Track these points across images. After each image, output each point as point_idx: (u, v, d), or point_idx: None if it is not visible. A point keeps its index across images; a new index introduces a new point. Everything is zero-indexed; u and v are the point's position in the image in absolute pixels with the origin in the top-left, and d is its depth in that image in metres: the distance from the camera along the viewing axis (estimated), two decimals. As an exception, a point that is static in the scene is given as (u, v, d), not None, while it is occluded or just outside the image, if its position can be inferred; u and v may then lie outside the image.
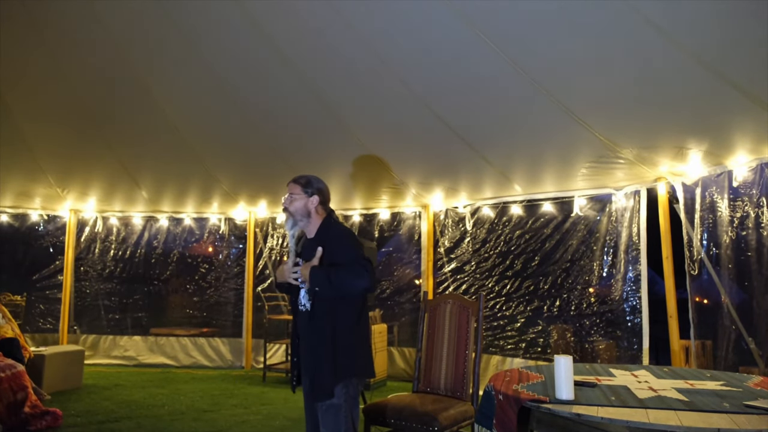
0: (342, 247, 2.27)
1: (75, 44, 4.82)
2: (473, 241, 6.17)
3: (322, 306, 2.25)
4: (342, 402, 2.20)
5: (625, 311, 5.02)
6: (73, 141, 5.81)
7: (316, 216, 2.39)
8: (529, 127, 4.51)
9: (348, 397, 2.22)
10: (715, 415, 1.75)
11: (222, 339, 7.13)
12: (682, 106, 3.75)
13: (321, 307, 2.26)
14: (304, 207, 2.37)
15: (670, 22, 3.12)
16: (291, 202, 2.37)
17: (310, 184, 2.40)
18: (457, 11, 3.57)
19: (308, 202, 2.37)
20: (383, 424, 2.90)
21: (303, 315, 2.33)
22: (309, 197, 2.37)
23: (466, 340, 3.13)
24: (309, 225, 2.39)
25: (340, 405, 2.20)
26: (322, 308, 2.26)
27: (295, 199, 2.37)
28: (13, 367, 4.14)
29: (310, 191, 2.38)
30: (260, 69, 4.71)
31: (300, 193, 2.37)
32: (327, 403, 2.20)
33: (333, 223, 2.40)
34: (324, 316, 2.25)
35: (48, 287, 7.17)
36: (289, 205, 2.37)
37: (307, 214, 2.37)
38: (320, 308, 2.26)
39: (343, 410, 2.20)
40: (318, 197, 2.38)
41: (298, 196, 2.37)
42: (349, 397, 2.23)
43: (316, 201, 2.38)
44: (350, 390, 2.24)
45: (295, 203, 2.36)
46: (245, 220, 7.36)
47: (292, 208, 2.37)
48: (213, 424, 4.31)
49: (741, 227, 4.08)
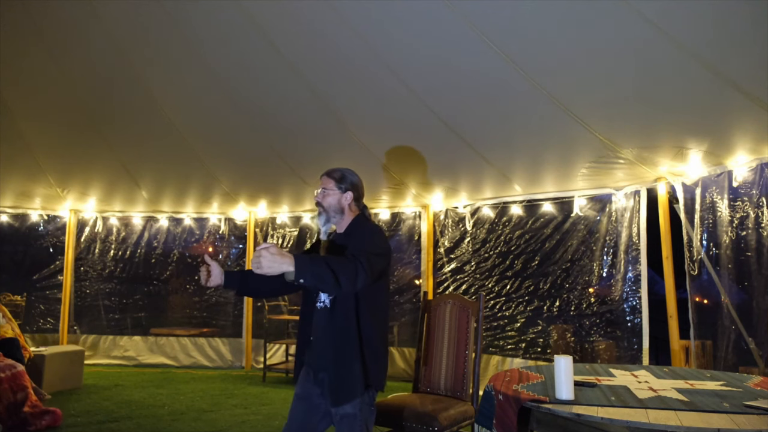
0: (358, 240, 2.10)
1: (75, 44, 4.82)
2: (473, 241, 6.17)
3: (345, 303, 2.07)
4: (358, 411, 2.06)
5: (625, 311, 5.02)
6: (73, 141, 5.81)
7: (349, 212, 2.23)
8: (529, 127, 4.52)
9: (365, 405, 2.08)
10: (715, 415, 1.75)
11: (222, 339, 7.13)
12: (682, 106, 3.75)
13: (344, 304, 2.07)
14: (337, 203, 2.20)
15: (670, 22, 3.12)
16: (324, 197, 2.21)
17: (345, 179, 2.22)
18: (457, 11, 3.56)
19: (342, 198, 2.21)
20: (383, 424, 2.90)
21: (321, 313, 2.14)
22: (343, 193, 2.21)
23: (466, 340, 3.13)
24: (341, 221, 2.23)
25: (356, 414, 2.06)
26: (345, 306, 2.07)
27: (328, 194, 2.20)
28: (13, 367, 4.14)
29: (344, 186, 2.21)
30: (260, 69, 4.71)
31: (334, 188, 2.21)
32: (341, 413, 2.05)
33: (364, 221, 2.24)
34: (348, 315, 2.07)
35: (48, 287, 7.18)
36: (322, 200, 2.21)
37: (341, 210, 2.21)
38: (343, 306, 2.07)
39: (359, 420, 2.06)
40: (352, 193, 2.22)
41: (332, 192, 2.20)
42: (365, 406, 2.08)
43: (350, 197, 2.22)
44: (367, 399, 2.09)
45: (329, 198, 2.20)
46: (245, 220, 7.37)
47: (325, 203, 2.20)
48: (213, 424, 4.31)
49: (741, 227, 4.08)
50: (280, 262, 1.74)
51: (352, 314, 2.06)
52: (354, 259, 1.89)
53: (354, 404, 2.04)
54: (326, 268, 1.80)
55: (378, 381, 2.11)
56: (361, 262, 1.88)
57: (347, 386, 2.05)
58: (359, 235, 2.14)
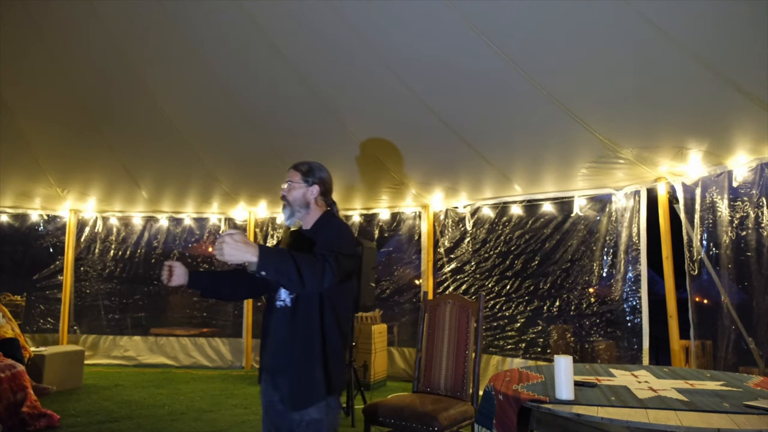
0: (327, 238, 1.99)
1: (75, 44, 4.82)
2: (473, 241, 6.17)
3: (309, 303, 1.97)
4: (324, 416, 1.95)
5: (625, 311, 5.02)
6: (73, 141, 5.81)
7: (315, 208, 2.14)
8: (529, 127, 4.51)
9: (330, 410, 1.97)
10: (715, 415, 1.75)
11: (222, 339, 7.13)
12: (682, 106, 3.75)
13: (308, 304, 1.97)
14: (302, 197, 2.12)
15: (670, 22, 3.12)
16: (289, 191, 2.13)
17: (312, 172, 2.15)
18: (457, 11, 3.56)
19: (308, 191, 2.12)
20: (383, 424, 2.90)
21: (281, 312, 2.03)
22: (309, 186, 2.13)
23: (466, 340, 3.13)
24: (307, 217, 2.14)
25: (322, 419, 1.94)
26: (308, 306, 1.97)
27: (293, 187, 2.13)
28: (13, 367, 4.15)
29: (310, 180, 2.13)
30: (260, 69, 4.71)
31: (299, 181, 2.13)
32: (307, 419, 1.93)
33: (332, 218, 2.15)
34: (311, 315, 1.96)
35: (48, 287, 7.17)
36: (287, 194, 2.13)
37: (306, 204, 2.12)
38: (306, 306, 1.97)
39: (326, 424, 1.95)
40: (319, 187, 2.14)
41: (297, 185, 2.13)
42: (331, 411, 1.98)
43: (317, 191, 2.13)
44: (332, 402, 1.99)
45: (294, 192, 2.12)
46: (245, 220, 7.36)
47: (290, 197, 2.13)
48: (213, 424, 4.31)
49: (741, 227, 4.08)
50: (243, 251, 1.64)
51: (315, 314, 1.96)
52: (322, 258, 1.81)
53: (320, 408, 1.94)
54: (292, 264, 1.71)
55: (340, 385, 2.03)
56: (329, 262, 1.80)
57: (309, 390, 1.94)
58: (328, 233, 2.04)
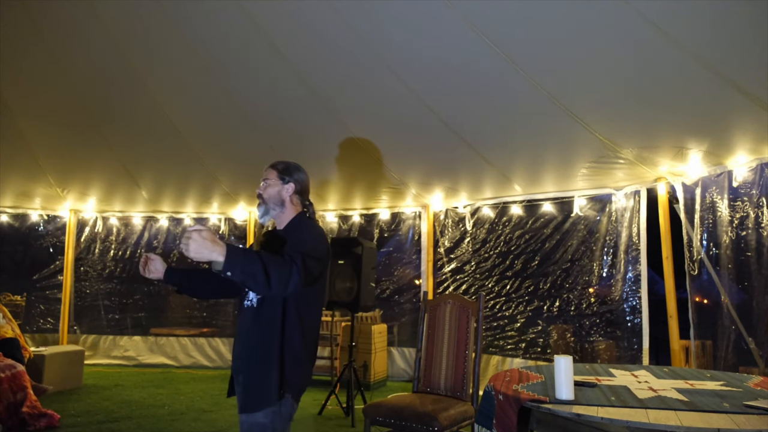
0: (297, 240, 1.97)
1: (75, 44, 4.82)
2: (473, 241, 6.17)
3: (272, 304, 1.94)
4: (269, 422, 1.87)
5: (625, 311, 5.02)
6: (73, 141, 5.81)
7: (290, 207, 2.13)
8: (529, 127, 4.51)
9: (279, 416, 1.89)
10: (715, 415, 1.75)
11: (222, 339, 7.13)
12: (682, 106, 3.75)
13: (271, 304, 1.94)
14: (277, 194, 2.12)
15: (670, 22, 3.12)
16: (265, 189, 2.14)
17: (288, 171, 2.16)
18: (457, 11, 3.56)
19: (283, 189, 2.13)
20: (383, 424, 2.90)
21: (247, 312, 2.01)
22: (284, 184, 2.13)
23: (466, 340, 3.13)
24: (281, 216, 2.13)
25: (265, 425, 1.87)
26: (271, 307, 1.94)
27: (269, 185, 2.14)
28: (13, 368, 4.15)
29: (286, 178, 2.14)
30: (261, 69, 4.71)
31: (275, 178, 2.14)
32: (251, 421, 1.89)
33: (305, 219, 2.14)
34: (273, 316, 1.93)
35: (48, 287, 7.17)
36: (263, 192, 2.14)
37: (281, 203, 2.12)
38: (270, 306, 1.94)
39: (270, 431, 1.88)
40: (294, 185, 2.14)
41: (273, 182, 2.13)
42: (280, 417, 1.89)
43: (291, 189, 2.13)
44: (284, 409, 1.90)
45: (269, 189, 2.13)
46: (245, 220, 7.36)
47: (265, 194, 2.13)
48: (213, 424, 4.31)
49: (741, 227, 4.08)
50: (210, 249, 1.60)
51: (278, 316, 1.93)
52: (290, 260, 1.78)
53: (266, 413, 1.88)
54: (259, 266, 1.67)
55: (296, 388, 1.95)
56: (296, 264, 1.76)
57: (259, 393, 1.89)
58: (298, 234, 2.03)
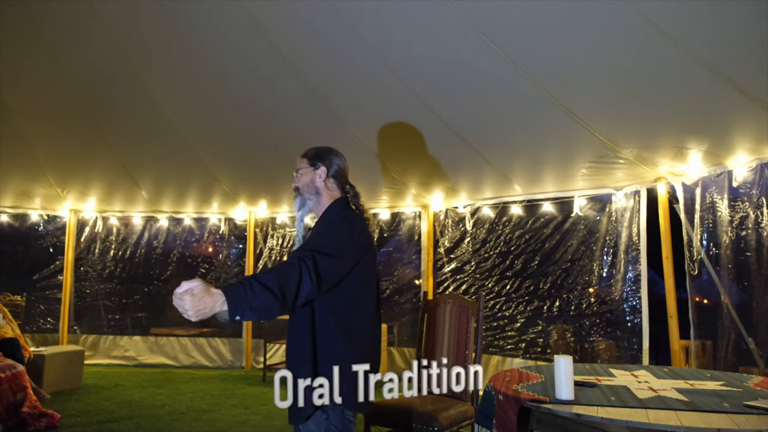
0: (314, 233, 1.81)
1: (75, 44, 4.82)
2: (473, 241, 6.17)
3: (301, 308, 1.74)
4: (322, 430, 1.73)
5: (625, 311, 5.02)
6: (73, 141, 5.81)
7: (326, 194, 1.92)
8: (529, 127, 4.51)
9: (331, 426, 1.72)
10: (715, 415, 1.75)
11: (222, 339, 7.13)
12: (682, 106, 3.75)
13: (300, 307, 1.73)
14: (311, 182, 1.92)
15: (670, 22, 3.12)
16: (299, 179, 1.96)
17: (318, 156, 1.95)
18: (457, 11, 3.56)
19: (315, 176, 1.92)
20: (383, 424, 2.90)
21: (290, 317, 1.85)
22: (316, 170, 1.92)
23: (466, 340, 3.13)
24: (319, 205, 1.92)
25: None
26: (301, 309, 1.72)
27: (301, 173, 1.95)
28: (13, 368, 4.15)
29: (317, 164, 1.93)
30: (261, 69, 4.71)
31: (306, 166, 1.94)
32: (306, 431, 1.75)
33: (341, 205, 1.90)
34: (303, 319, 1.75)
35: (48, 287, 7.17)
36: (298, 182, 1.96)
37: (315, 191, 1.91)
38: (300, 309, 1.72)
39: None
40: (326, 169, 1.92)
41: (305, 170, 1.94)
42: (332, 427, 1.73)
43: (324, 173, 1.91)
44: (333, 420, 1.72)
45: (303, 178, 1.94)
46: (245, 220, 7.36)
47: (300, 184, 1.95)
48: (213, 424, 4.31)
49: (741, 227, 4.08)
50: (210, 304, 1.39)
51: (306, 320, 1.75)
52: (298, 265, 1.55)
53: (317, 422, 1.72)
54: (268, 295, 1.46)
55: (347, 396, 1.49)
56: (306, 266, 1.55)
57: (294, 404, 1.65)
58: (320, 225, 1.85)
